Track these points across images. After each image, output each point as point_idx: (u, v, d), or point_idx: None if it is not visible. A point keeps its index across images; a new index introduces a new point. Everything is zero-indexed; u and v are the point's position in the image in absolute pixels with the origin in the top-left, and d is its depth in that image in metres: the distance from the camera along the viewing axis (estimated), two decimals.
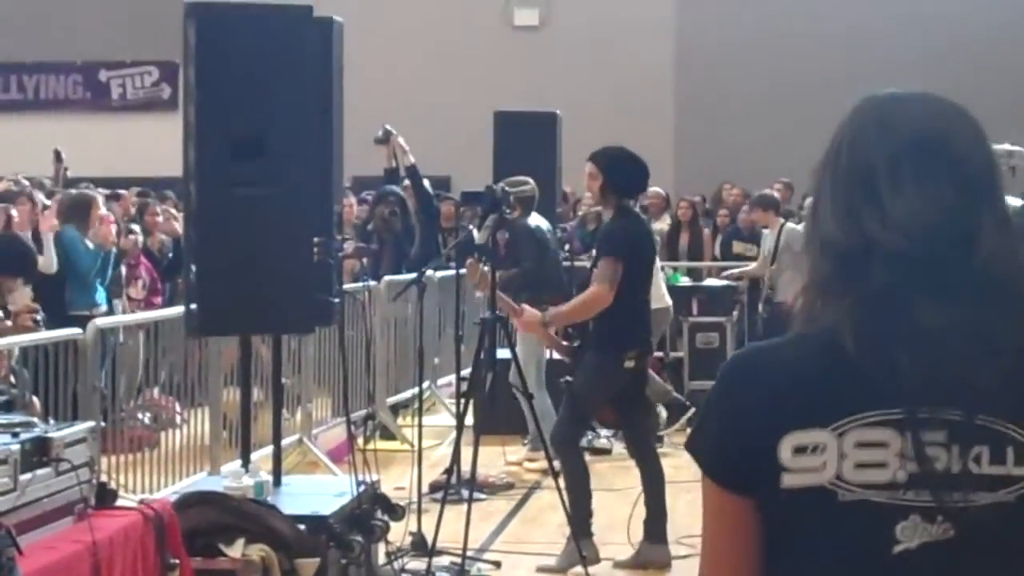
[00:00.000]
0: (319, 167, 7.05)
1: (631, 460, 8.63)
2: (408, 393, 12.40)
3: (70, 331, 8.22)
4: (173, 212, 14.28)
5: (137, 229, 13.09)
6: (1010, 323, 1.95)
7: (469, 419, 8.44)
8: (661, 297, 11.09)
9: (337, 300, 7.27)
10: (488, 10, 23.45)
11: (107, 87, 24.53)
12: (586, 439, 10.27)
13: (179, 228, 12.31)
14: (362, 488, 6.87)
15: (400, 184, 13.70)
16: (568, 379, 8.36)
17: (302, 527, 6.33)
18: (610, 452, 11.22)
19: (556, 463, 8.24)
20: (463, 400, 8.68)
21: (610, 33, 22.84)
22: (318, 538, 6.39)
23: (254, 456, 7.70)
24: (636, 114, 21.58)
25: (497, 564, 8.25)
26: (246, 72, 6.82)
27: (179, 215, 12.44)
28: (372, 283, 11.98)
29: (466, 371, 9.95)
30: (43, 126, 22.31)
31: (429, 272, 10.03)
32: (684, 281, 15.13)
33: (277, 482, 7.24)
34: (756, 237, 15.65)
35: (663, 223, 17.14)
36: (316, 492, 7.12)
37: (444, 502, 7.98)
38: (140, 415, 10.25)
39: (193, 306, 6.97)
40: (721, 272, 15.59)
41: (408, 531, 8.09)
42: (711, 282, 15.02)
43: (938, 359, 1.92)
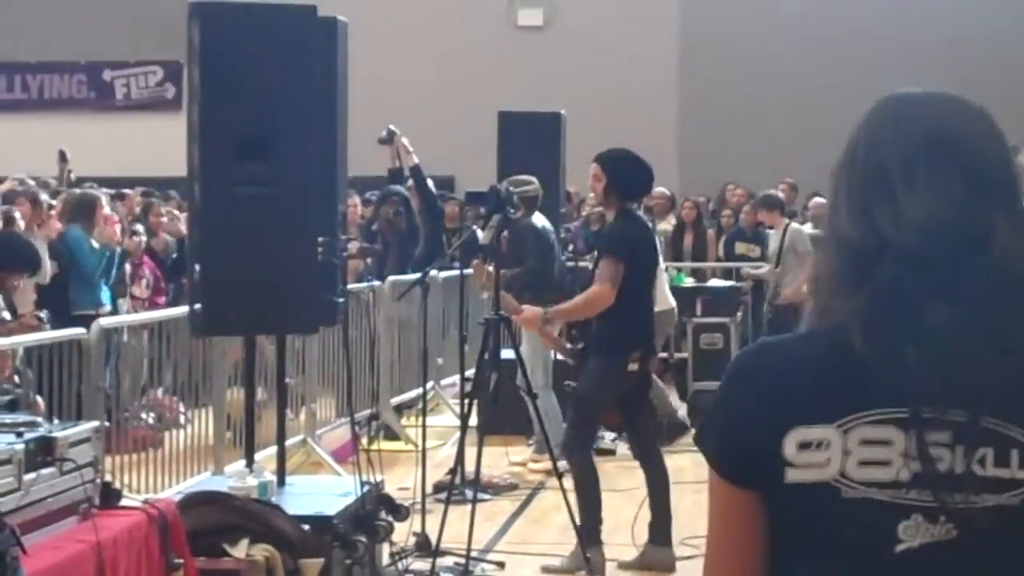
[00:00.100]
0: (323, 167, 7.04)
1: (635, 461, 8.63)
2: (412, 393, 12.39)
3: (74, 331, 8.23)
4: (177, 212, 14.30)
5: (141, 229, 13.08)
6: (1022, 323, 1.94)
7: (473, 419, 8.44)
8: (665, 299, 11.08)
9: (341, 300, 7.26)
10: (492, 10, 23.43)
11: (111, 87, 24.50)
12: None
13: (183, 228, 12.31)
14: (366, 488, 6.86)
15: (404, 184, 13.71)
16: (571, 384, 8.35)
17: (306, 527, 6.32)
18: (614, 453, 11.21)
19: (560, 464, 8.24)
20: (467, 400, 8.68)
21: (614, 33, 22.82)
22: (322, 538, 6.38)
23: (258, 456, 7.69)
24: (640, 114, 21.55)
25: (501, 565, 8.24)
26: (250, 72, 6.80)
27: (183, 215, 12.44)
28: (376, 283, 12.00)
29: (470, 371, 9.94)
30: (47, 126, 22.28)
31: (433, 272, 10.03)
32: (688, 282, 15.12)
33: (281, 482, 7.23)
34: (759, 237, 15.64)
35: (667, 224, 17.15)
36: (320, 492, 7.11)
37: (448, 502, 7.98)
38: (144, 415, 10.23)
39: (197, 306, 6.95)
40: (726, 273, 15.58)
41: (412, 531, 8.08)
42: (715, 283, 14.99)
43: (946, 359, 1.91)
